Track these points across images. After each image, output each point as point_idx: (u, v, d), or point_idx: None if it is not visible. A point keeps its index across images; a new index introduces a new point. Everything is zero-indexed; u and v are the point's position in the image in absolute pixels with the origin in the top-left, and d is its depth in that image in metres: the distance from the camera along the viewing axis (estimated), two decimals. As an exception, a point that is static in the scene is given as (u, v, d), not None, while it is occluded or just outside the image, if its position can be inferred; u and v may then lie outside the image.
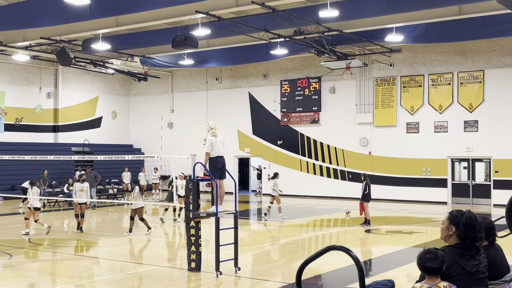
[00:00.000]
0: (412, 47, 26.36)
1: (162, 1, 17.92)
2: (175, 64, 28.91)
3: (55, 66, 31.36)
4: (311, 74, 29.39)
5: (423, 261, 3.94)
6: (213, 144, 11.04)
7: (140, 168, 29.68)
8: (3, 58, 28.48)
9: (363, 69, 27.67)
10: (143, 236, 15.75)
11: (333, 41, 23.71)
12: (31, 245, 14.08)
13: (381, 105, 27.28)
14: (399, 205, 24.83)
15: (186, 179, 12.82)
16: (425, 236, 16.34)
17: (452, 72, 25.64)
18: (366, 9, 19.44)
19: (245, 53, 26.55)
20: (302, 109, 29.45)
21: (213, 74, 32.54)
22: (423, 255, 3.95)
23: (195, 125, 32.45)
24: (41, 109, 31.37)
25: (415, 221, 19.81)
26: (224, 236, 10.65)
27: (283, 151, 30.08)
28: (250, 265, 11.87)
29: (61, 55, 24.00)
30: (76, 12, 18.24)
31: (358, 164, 27.62)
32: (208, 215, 11.15)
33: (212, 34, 21.74)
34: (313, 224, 19.24)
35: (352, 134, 28.00)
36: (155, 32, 23.56)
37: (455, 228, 4.11)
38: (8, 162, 23.66)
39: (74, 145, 31.29)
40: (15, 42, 24.88)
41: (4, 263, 11.83)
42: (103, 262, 12.36)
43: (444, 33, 22.32)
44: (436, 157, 25.85)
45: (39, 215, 16.31)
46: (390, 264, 11.75)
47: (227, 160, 11.85)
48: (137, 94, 35.87)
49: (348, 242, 14.96)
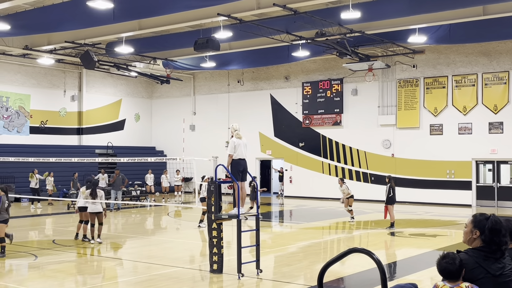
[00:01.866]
0: (436, 48, 26.10)
1: (184, 4, 18.02)
2: (197, 66, 29.06)
3: (79, 69, 31.78)
4: (333, 76, 29.28)
5: (440, 265, 3.95)
6: (236, 146, 11.07)
7: (163, 170, 29.88)
8: (29, 61, 28.95)
9: (385, 71, 27.48)
10: (167, 238, 15.84)
11: (355, 43, 23.58)
12: (56, 246, 14.26)
13: (404, 107, 27.04)
14: (422, 208, 24.58)
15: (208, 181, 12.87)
16: (449, 239, 16.15)
17: (476, 73, 25.32)
18: (389, 10, 19.31)
19: (267, 55, 26.57)
20: (324, 111, 29.35)
21: (235, 76, 32.63)
22: (440, 259, 3.95)
23: (217, 127, 32.57)
24: (65, 112, 31.79)
25: (439, 223, 19.59)
26: (246, 238, 10.65)
27: (305, 153, 30.01)
28: (272, 267, 11.86)
29: (85, 58, 24.32)
30: (100, 16, 18.46)
31: (380, 166, 27.43)
32: (230, 217, 11.18)
33: (233, 36, 21.81)
34: (335, 226, 19.15)
35: (375, 136, 27.81)
36: (177, 35, 23.71)
37: (480, 232, 4.06)
38: (34, 164, 24.01)
39: (97, 147, 31.65)
40: (40, 46, 25.31)
41: (29, 264, 12.01)
42: (126, 263, 12.47)
43: (468, 33, 22.05)
44: (460, 159, 25.53)
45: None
46: (413, 267, 11.64)
47: (249, 162, 11.87)
48: (160, 97, 36.13)
49: (371, 244, 14.85)
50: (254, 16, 20.70)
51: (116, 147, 32.39)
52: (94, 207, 14.38)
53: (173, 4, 18.04)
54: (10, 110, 29.15)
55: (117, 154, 30.78)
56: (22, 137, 29.61)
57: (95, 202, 14.35)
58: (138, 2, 18.33)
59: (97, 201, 14.29)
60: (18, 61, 28.71)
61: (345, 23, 20.04)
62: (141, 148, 34.73)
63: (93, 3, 16.95)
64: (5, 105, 28.90)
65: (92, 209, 14.42)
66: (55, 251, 13.56)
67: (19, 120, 29.62)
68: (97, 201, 14.29)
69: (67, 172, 27.77)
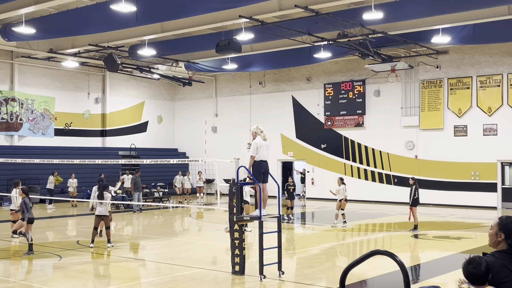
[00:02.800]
0: (460, 49, 25.79)
1: (206, 6, 18.11)
2: (219, 68, 29.16)
3: (102, 72, 32.13)
4: (355, 77, 29.12)
5: (467, 270, 3.91)
6: (259, 148, 11.07)
7: (185, 172, 30.04)
8: (54, 65, 29.37)
9: (408, 71, 27.23)
10: (189, 239, 15.91)
11: (377, 44, 23.42)
12: (80, 247, 14.42)
13: (428, 108, 26.76)
14: (446, 210, 24.29)
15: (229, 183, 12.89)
16: (474, 242, 15.92)
17: (501, 73, 24.95)
18: (412, 11, 19.14)
19: (288, 57, 26.55)
20: (346, 113, 29.21)
21: (256, 78, 32.66)
22: (466, 265, 3.91)
23: (238, 129, 32.64)
24: (89, 114, 32.17)
25: (463, 226, 19.34)
26: (268, 239, 10.64)
27: (327, 154, 29.89)
28: (294, 269, 11.83)
29: (108, 61, 24.58)
30: (123, 19, 18.64)
31: (404, 168, 27.18)
32: (251, 218, 11.18)
33: (255, 38, 21.84)
34: (358, 228, 19.02)
35: (398, 137, 27.58)
36: (199, 37, 23.83)
37: (505, 235, 4.00)
38: (58, 166, 24.33)
39: (121, 149, 31.94)
40: (64, 49, 25.68)
41: (54, 265, 12.16)
42: (149, 264, 12.55)
43: (492, 33, 21.75)
44: (485, 161, 25.17)
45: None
46: (437, 270, 11.50)
47: (271, 164, 11.86)
48: (182, 99, 36.34)
49: (394, 247, 14.72)
50: (276, 18, 20.70)
51: (139, 149, 32.65)
52: (100, 209, 14.24)
53: (195, 6, 18.13)
54: (36, 113, 29.59)
55: (140, 156, 31.03)
56: (47, 139, 30.03)
57: (102, 205, 14.18)
58: (161, 5, 18.46)
59: (104, 202, 14.16)
60: (43, 64, 29.15)
61: (367, 24, 19.92)
62: (163, 150, 34.95)
63: (116, 7, 17.13)
64: (30, 108, 29.35)
65: (99, 212, 14.26)
66: (79, 251, 13.71)
67: (44, 123, 30.04)
68: (104, 201, 14.13)
69: (91, 174, 28.05)
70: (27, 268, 12.05)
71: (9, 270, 11.82)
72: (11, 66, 28.77)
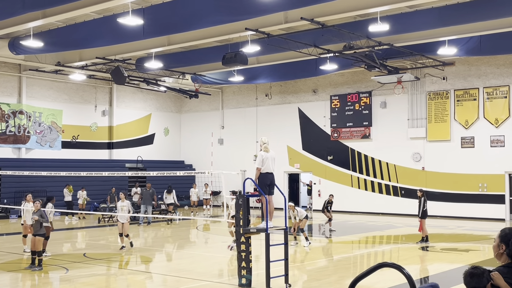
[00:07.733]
0: (466, 60, 25.77)
1: (212, 19, 18.19)
2: (225, 81, 29.25)
3: (109, 84, 32.29)
4: (361, 89, 29.13)
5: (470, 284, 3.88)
6: (264, 160, 11.07)
7: (191, 184, 30.02)
8: (61, 77, 29.56)
9: (415, 83, 27.22)
10: (196, 252, 15.86)
11: (383, 55, 23.44)
12: (87, 259, 14.42)
13: (434, 120, 26.71)
14: (454, 222, 24.14)
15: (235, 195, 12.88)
16: (482, 254, 15.80)
17: (508, 85, 24.88)
18: (418, 23, 19.15)
19: (295, 69, 26.60)
20: (352, 124, 29.18)
21: (262, 90, 32.73)
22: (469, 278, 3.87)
23: (245, 141, 32.65)
24: (96, 127, 32.29)
25: (471, 238, 19.21)
26: (275, 252, 10.60)
27: (334, 166, 29.83)
28: (301, 281, 11.77)
29: (115, 74, 24.71)
30: (130, 32, 18.76)
31: (411, 180, 27.07)
32: (258, 230, 11.15)
33: (261, 50, 21.91)
34: (365, 241, 18.93)
35: (405, 149, 27.50)
36: (205, 50, 23.93)
37: (505, 246, 3.98)
38: (65, 178, 24.40)
39: (128, 162, 32.01)
40: (72, 62, 25.84)
41: (60, 277, 12.15)
42: (156, 277, 12.52)
43: (499, 45, 21.72)
44: (493, 173, 25.04)
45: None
46: (445, 282, 11.40)
47: (277, 176, 11.84)
48: (189, 111, 36.44)
49: (402, 259, 14.63)
50: (282, 30, 20.78)
51: (146, 161, 32.70)
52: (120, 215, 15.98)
53: (202, 19, 18.23)
54: (43, 125, 29.74)
55: (146, 168, 31.07)
56: (54, 152, 30.15)
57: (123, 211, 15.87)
58: (167, 19, 18.57)
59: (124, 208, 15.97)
60: (51, 77, 29.34)
61: (373, 35, 19.96)
62: (170, 162, 34.99)
63: (123, 20, 17.26)
64: (38, 121, 29.50)
65: (119, 217, 16.02)
66: (86, 264, 13.70)
67: (51, 135, 30.18)
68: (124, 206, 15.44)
69: (98, 186, 28.15)
70: (37, 280, 12.03)
71: (17, 283, 11.82)
72: (19, 79, 28.98)
